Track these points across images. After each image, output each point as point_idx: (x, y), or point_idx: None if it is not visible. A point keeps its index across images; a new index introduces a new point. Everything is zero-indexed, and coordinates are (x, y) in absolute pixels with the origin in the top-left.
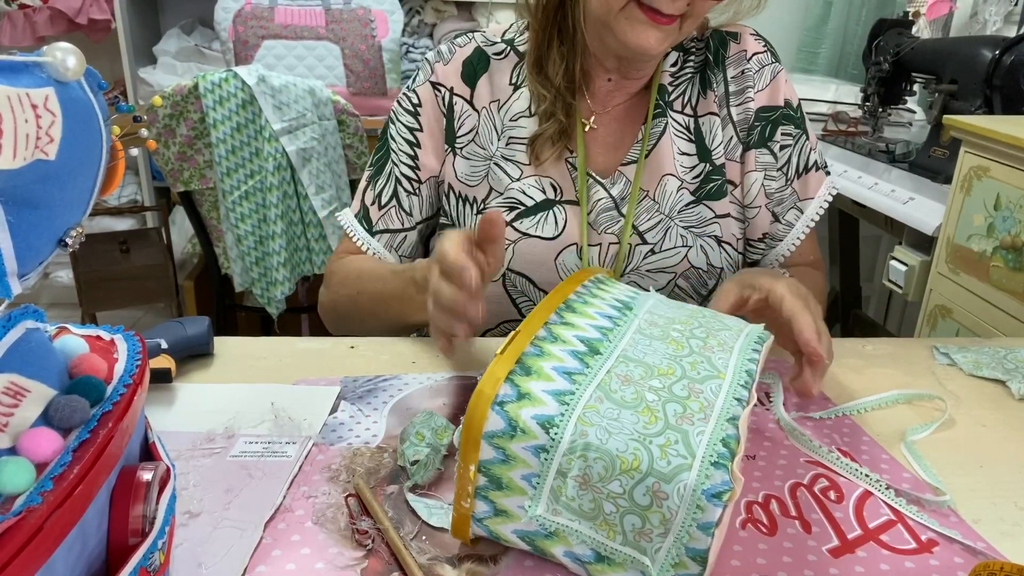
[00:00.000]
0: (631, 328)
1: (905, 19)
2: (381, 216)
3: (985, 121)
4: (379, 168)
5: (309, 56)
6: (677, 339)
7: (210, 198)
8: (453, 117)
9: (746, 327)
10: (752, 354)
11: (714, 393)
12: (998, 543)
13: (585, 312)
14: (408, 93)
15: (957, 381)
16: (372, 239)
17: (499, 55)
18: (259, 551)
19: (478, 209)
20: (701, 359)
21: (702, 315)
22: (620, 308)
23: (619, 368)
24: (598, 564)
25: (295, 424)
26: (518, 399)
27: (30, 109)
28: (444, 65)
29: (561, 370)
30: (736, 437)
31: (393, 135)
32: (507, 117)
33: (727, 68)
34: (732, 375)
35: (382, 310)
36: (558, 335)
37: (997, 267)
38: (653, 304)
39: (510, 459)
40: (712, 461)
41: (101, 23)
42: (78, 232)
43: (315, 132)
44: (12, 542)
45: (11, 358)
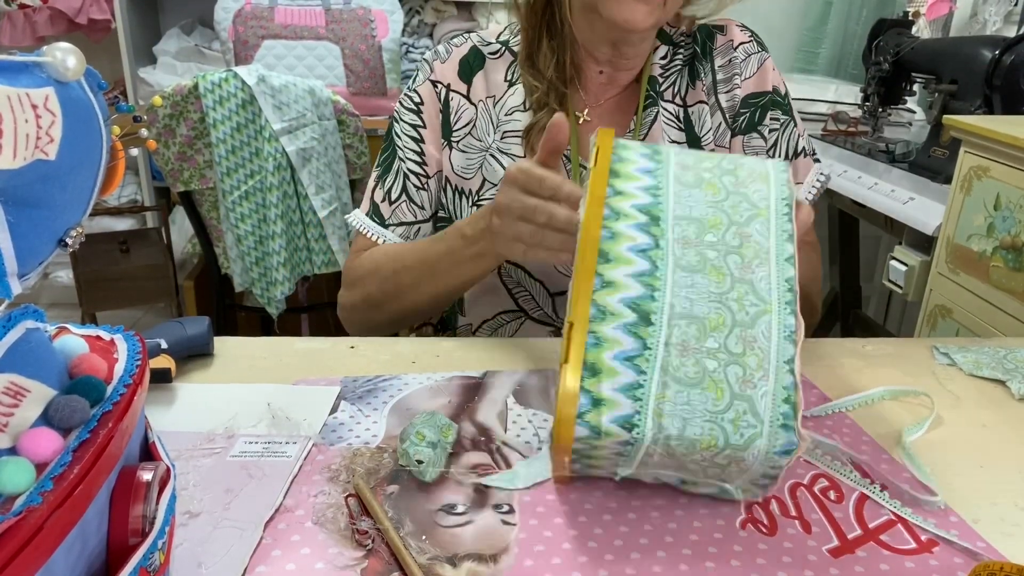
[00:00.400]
0: (669, 268)
1: (905, 19)
2: (393, 211)
3: (985, 121)
4: (387, 167)
5: (309, 56)
6: (716, 265)
7: (210, 198)
8: (449, 112)
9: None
10: (784, 241)
11: (766, 337)
12: (998, 543)
13: (618, 255)
14: (409, 93)
15: (957, 381)
16: (388, 232)
17: (494, 54)
18: (259, 551)
19: (472, 201)
20: (744, 288)
21: (726, 211)
22: (648, 226)
23: (675, 335)
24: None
25: (295, 424)
26: (594, 406)
27: (30, 109)
28: (442, 63)
29: (622, 357)
30: (794, 384)
31: (398, 133)
32: (502, 112)
33: (714, 58)
34: (777, 302)
35: (427, 277)
36: (605, 308)
37: (997, 267)
38: (676, 206)
39: (596, 452)
40: (780, 424)
41: (101, 23)
42: (78, 232)
43: (315, 132)
44: (12, 542)
45: (11, 358)
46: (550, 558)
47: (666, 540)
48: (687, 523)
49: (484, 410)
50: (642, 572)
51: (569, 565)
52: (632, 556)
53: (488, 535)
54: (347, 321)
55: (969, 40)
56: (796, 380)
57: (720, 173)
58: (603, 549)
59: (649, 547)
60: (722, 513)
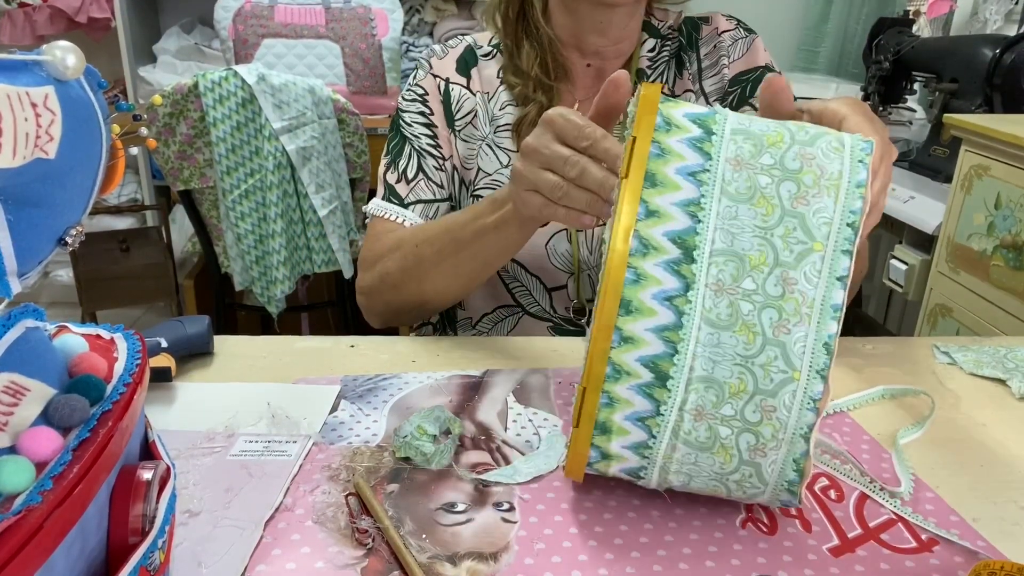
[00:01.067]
0: (695, 324)
1: (905, 18)
2: (411, 189)
3: (985, 120)
4: (398, 152)
5: (309, 55)
6: (748, 323)
7: (210, 197)
8: (450, 102)
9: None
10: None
11: (787, 408)
12: (998, 542)
13: (640, 305)
14: (412, 87)
15: (957, 380)
16: (407, 211)
17: (486, 56)
18: (259, 550)
19: (470, 192)
20: (775, 352)
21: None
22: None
23: (691, 400)
24: None
25: (295, 423)
26: (603, 458)
27: (30, 108)
28: (439, 59)
29: (634, 418)
30: (806, 453)
31: (407, 121)
32: (496, 107)
33: (699, 48)
34: (807, 368)
35: (450, 250)
36: (621, 367)
37: (997, 266)
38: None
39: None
40: (784, 489)
41: (101, 22)
42: (78, 231)
43: (315, 131)
44: (12, 541)
45: (11, 357)
46: (550, 556)
47: (666, 539)
48: (687, 522)
49: (484, 409)
50: (642, 571)
51: (569, 563)
52: (632, 555)
53: (488, 533)
54: (366, 308)
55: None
56: (809, 448)
57: (780, 178)
58: (603, 548)
59: (649, 546)
60: (722, 512)
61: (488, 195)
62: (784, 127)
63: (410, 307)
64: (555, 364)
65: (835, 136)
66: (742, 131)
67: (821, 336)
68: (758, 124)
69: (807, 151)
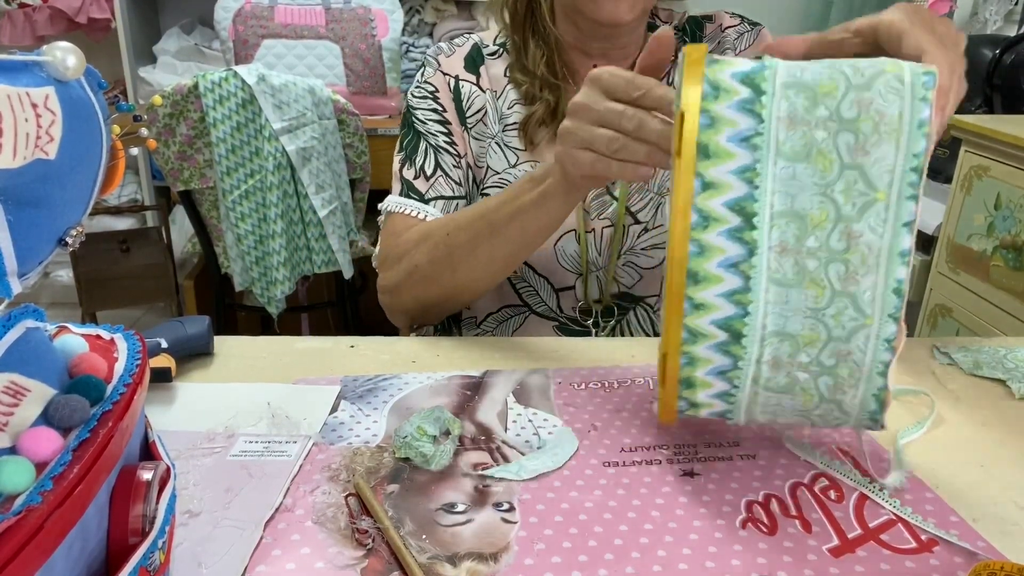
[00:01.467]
0: (762, 285)
1: None
2: (431, 185)
3: (985, 120)
4: (413, 148)
5: (309, 55)
6: (815, 278)
7: (210, 197)
8: (461, 98)
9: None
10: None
11: (862, 350)
12: (998, 543)
13: (707, 274)
14: (421, 85)
15: (957, 381)
16: (428, 207)
17: (493, 55)
18: (259, 551)
19: (480, 190)
20: (845, 302)
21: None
22: (741, 230)
23: (767, 353)
24: None
25: (295, 423)
26: (692, 407)
27: (30, 108)
28: (447, 57)
29: (715, 372)
30: (884, 386)
31: (420, 119)
32: (504, 105)
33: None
34: (879, 313)
35: (485, 233)
36: (696, 330)
37: (997, 266)
38: (776, 198)
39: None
40: (867, 416)
41: (101, 22)
42: (78, 231)
43: (315, 131)
44: (12, 542)
45: (11, 357)
46: (550, 557)
47: (666, 539)
48: (687, 522)
49: (484, 409)
50: (642, 571)
51: (569, 564)
52: (632, 555)
53: (488, 534)
54: (391, 307)
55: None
56: (887, 383)
57: (837, 129)
58: (603, 548)
59: (649, 546)
60: (722, 512)
61: (523, 175)
62: (839, 71)
63: (441, 300)
64: (556, 364)
65: (893, 73)
66: (794, 83)
67: (890, 283)
68: (811, 71)
69: (864, 96)
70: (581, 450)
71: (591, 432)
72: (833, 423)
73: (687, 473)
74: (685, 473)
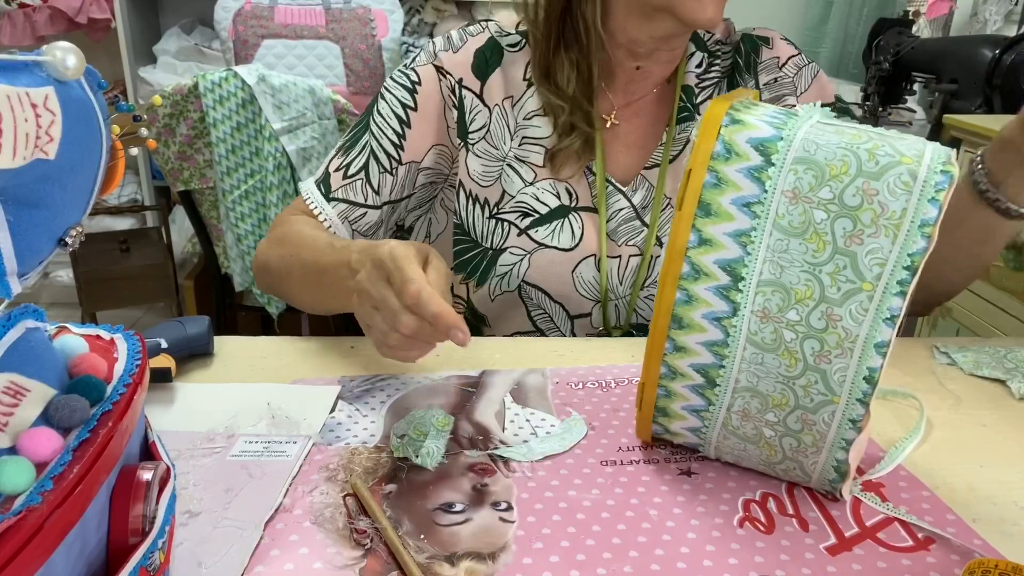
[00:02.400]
0: (740, 343)
1: (905, 18)
2: (343, 185)
3: (985, 120)
4: (354, 140)
5: (309, 55)
6: (791, 349)
7: (210, 197)
8: (464, 110)
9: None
10: (882, 323)
11: (826, 423)
12: (998, 543)
13: (691, 322)
14: (405, 71)
15: (957, 381)
16: (328, 205)
17: (514, 47)
18: (258, 551)
19: (491, 213)
20: (815, 376)
21: (821, 280)
22: (729, 289)
23: (737, 404)
24: None
25: (295, 424)
26: (666, 432)
27: (30, 108)
28: (453, 54)
29: (689, 409)
30: (845, 460)
31: (381, 111)
32: (521, 115)
33: (759, 74)
34: (847, 395)
35: (312, 282)
36: (675, 369)
37: (997, 267)
38: (765, 267)
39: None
40: (828, 482)
41: (101, 22)
42: (78, 231)
43: (315, 131)
44: (12, 542)
45: (11, 358)
46: (548, 556)
47: (664, 538)
48: (685, 521)
49: (482, 409)
50: (640, 570)
51: (567, 563)
52: (631, 554)
53: (486, 533)
54: (256, 272)
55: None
56: (847, 458)
57: (837, 213)
58: (601, 547)
59: (647, 545)
60: (720, 511)
61: (352, 250)
62: (855, 153)
63: (282, 297)
64: (553, 364)
65: (907, 167)
66: (805, 159)
67: (862, 370)
68: (826, 147)
69: (870, 186)
70: (579, 448)
71: (589, 432)
72: (795, 478)
73: (684, 472)
74: (683, 472)
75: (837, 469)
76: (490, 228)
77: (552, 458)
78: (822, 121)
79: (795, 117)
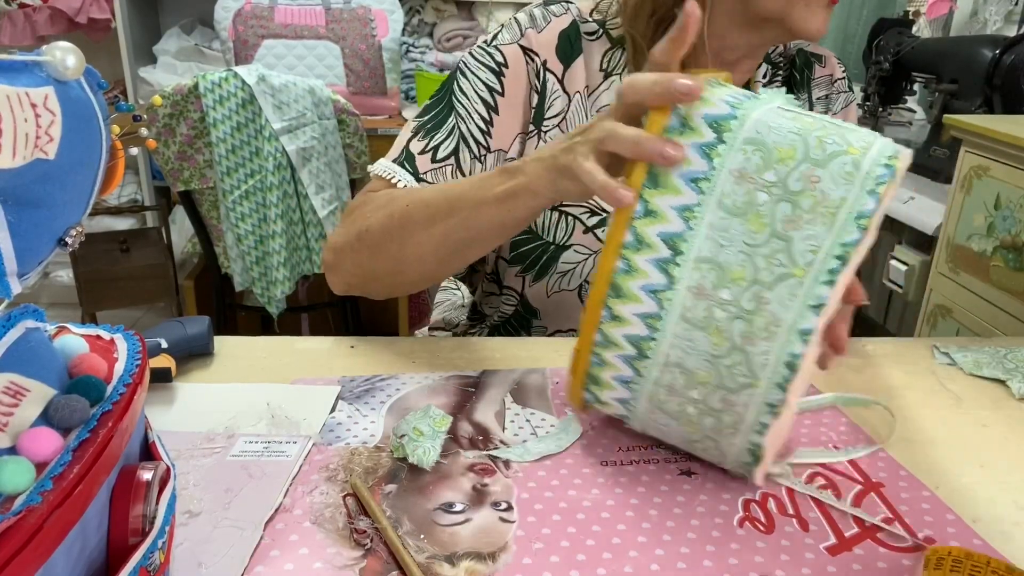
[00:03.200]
0: (672, 318)
1: (905, 18)
2: (432, 169)
3: (985, 120)
4: (437, 122)
5: (309, 55)
6: (720, 328)
7: (210, 197)
8: (545, 94)
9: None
10: (808, 311)
11: (744, 405)
12: (998, 543)
13: (629, 292)
14: (489, 50)
15: (957, 381)
16: (418, 185)
17: (591, 35)
18: (258, 551)
19: (555, 205)
20: (739, 357)
21: (756, 263)
22: (668, 262)
23: (665, 378)
24: None
25: (295, 424)
26: (597, 401)
27: (30, 108)
28: (538, 33)
29: (619, 380)
30: (760, 445)
31: (464, 90)
32: (594, 107)
33: (812, 89)
34: (767, 380)
35: (443, 212)
36: (610, 338)
37: (997, 267)
38: (704, 244)
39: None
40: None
41: (101, 22)
42: (78, 231)
43: (315, 131)
44: (12, 542)
45: (11, 358)
46: (548, 556)
47: (664, 538)
48: (685, 521)
49: (481, 409)
50: (640, 570)
51: (567, 563)
52: (630, 554)
53: (486, 533)
54: (331, 267)
55: (969, 40)
56: (763, 443)
57: (779, 197)
58: (601, 547)
59: (647, 545)
60: (720, 511)
61: (501, 165)
62: (804, 139)
63: (381, 274)
64: (552, 365)
65: (852, 157)
66: (754, 140)
67: (783, 356)
68: (778, 130)
69: (814, 173)
70: (579, 448)
71: (588, 431)
72: (713, 459)
73: (684, 472)
74: (682, 472)
75: (752, 452)
76: (553, 221)
77: (552, 458)
78: (783, 107)
79: (756, 99)
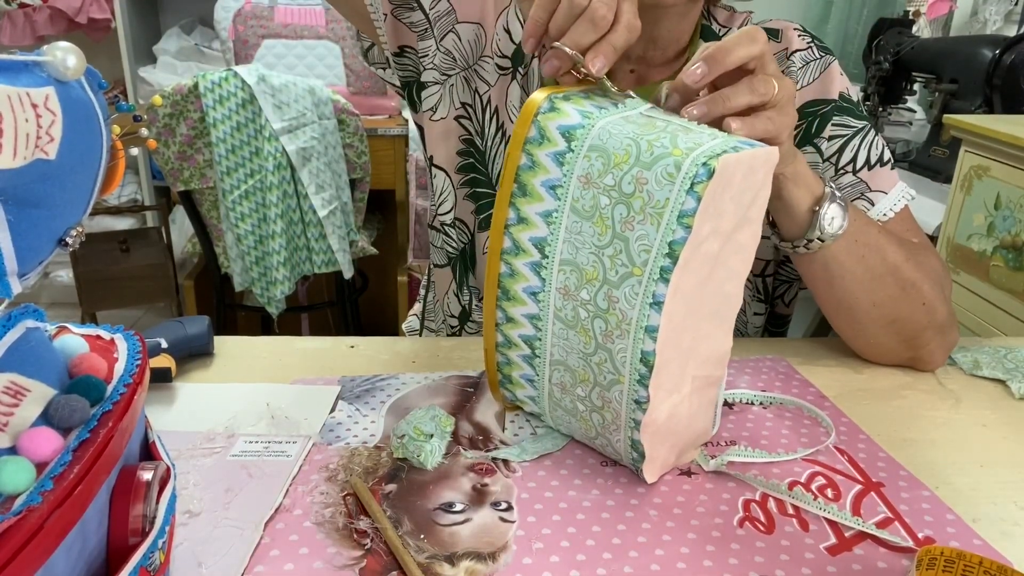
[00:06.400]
0: (549, 318)
1: (905, 18)
2: None
3: (985, 120)
4: None
5: (309, 55)
6: (586, 327)
7: (210, 197)
8: None
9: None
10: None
11: (619, 401)
12: (998, 543)
13: (515, 294)
14: None
15: (957, 381)
16: None
17: None
18: (258, 551)
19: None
20: (605, 355)
21: (603, 262)
22: (539, 266)
23: (555, 376)
24: None
25: (295, 424)
26: (509, 391)
27: (30, 108)
28: None
29: (524, 378)
30: (636, 441)
31: None
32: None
33: None
34: (629, 375)
35: None
36: (509, 338)
37: (997, 266)
38: (564, 247)
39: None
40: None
41: (101, 22)
42: (78, 231)
43: (315, 131)
44: (12, 542)
45: (11, 358)
46: (548, 556)
47: (663, 538)
48: (685, 521)
49: (481, 409)
50: (640, 570)
51: (567, 563)
52: (631, 554)
53: (486, 533)
54: None
55: (969, 39)
56: (640, 439)
57: (616, 200)
58: (601, 547)
59: (647, 545)
60: (720, 511)
61: None
62: (636, 143)
63: None
64: None
65: (674, 159)
66: (597, 147)
67: (636, 352)
68: (617, 136)
69: (643, 175)
70: (579, 448)
71: None
72: (610, 455)
73: (684, 472)
74: (682, 472)
75: (635, 448)
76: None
77: (552, 458)
78: (644, 113)
79: (615, 108)
